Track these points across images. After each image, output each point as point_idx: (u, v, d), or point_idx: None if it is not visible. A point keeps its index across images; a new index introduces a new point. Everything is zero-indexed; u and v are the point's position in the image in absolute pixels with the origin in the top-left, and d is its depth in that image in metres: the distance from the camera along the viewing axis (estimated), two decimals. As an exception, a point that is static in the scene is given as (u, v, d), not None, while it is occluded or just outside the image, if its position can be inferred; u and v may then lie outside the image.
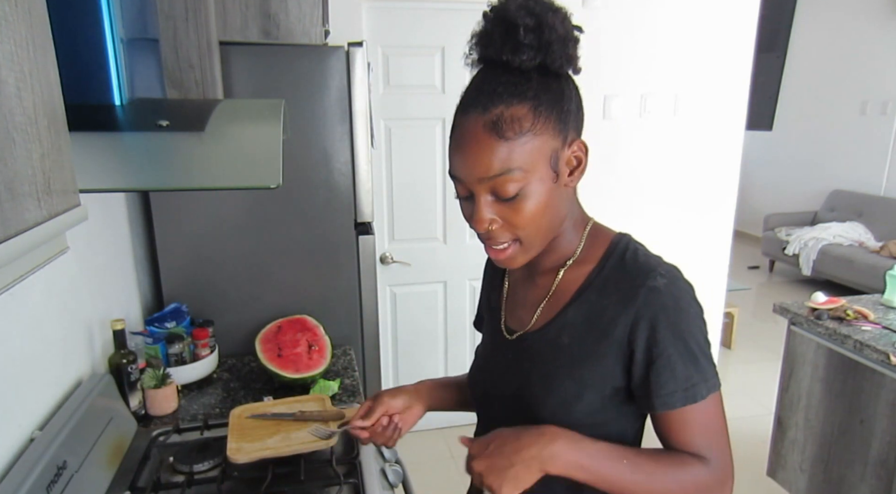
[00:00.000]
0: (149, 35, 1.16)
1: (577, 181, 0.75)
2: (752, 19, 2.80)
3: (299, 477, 1.12)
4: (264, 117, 0.98)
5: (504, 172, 0.69)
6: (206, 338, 1.60)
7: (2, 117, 0.47)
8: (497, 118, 0.68)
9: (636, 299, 0.72)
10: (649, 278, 0.73)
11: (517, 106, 0.68)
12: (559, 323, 0.79)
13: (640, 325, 0.72)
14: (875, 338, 1.84)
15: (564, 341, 0.78)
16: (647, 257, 0.77)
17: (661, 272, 0.73)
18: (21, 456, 0.95)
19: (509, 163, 0.69)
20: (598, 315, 0.76)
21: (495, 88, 0.69)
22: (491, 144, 0.68)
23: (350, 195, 1.79)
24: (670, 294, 0.72)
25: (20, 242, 0.49)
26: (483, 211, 0.72)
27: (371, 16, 2.40)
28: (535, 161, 0.70)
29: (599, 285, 0.77)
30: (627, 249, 0.78)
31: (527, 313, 0.84)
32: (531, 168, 0.70)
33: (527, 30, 0.66)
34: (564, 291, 0.80)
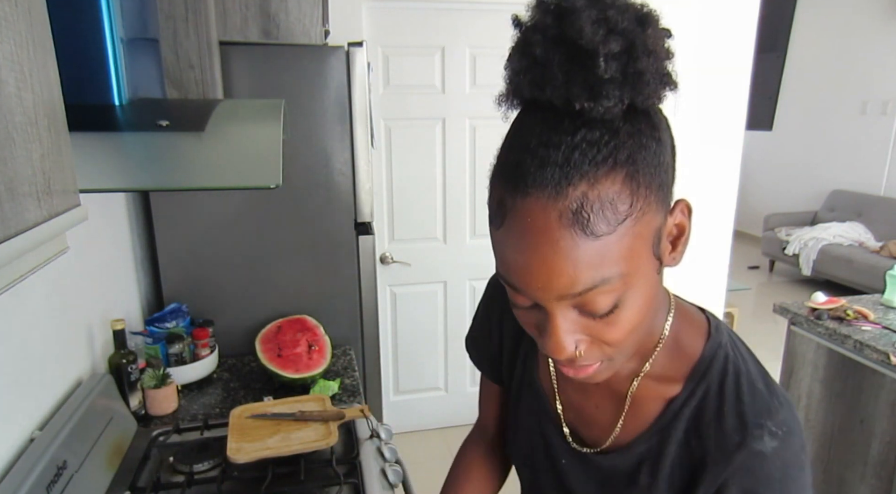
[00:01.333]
0: (149, 35, 1.16)
1: (680, 258, 0.54)
2: (752, 19, 2.80)
3: (299, 477, 1.12)
4: (264, 117, 0.98)
5: (598, 284, 0.47)
6: (206, 338, 1.60)
7: (2, 117, 0.47)
8: (580, 205, 0.45)
9: (731, 461, 0.55)
10: (754, 438, 0.54)
11: (607, 179, 0.45)
12: (637, 453, 0.62)
13: (724, 488, 0.56)
14: (875, 338, 1.84)
15: (643, 480, 0.61)
16: (752, 396, 0.57)
17: (772, 429, 0.55)
18: (21, 456, 0.95)
19: (604, 269, 0.46)
20: (683, 459, 0.59)
21: (570, 155, 0.45)
22: (576, 246, 0.45)
23: (350, 195, 1.79)
24: (779, 463, 0.54)
25: (20, 242, 0.49)
26: (565, 336, 0.50)
27: (371, 16, 2.40)
28: (638, 255, 0.48)
29: (686, 422, 0.59)
30: (726, 375, 0.58)
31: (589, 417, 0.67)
32: (634, 268, 0.48)
33: (609, 58, 0.44)
34: (642, 408, 0.62)
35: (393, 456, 1.23)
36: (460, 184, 2.65)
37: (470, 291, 2.79)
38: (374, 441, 1.28)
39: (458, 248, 2.72)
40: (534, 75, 0.46)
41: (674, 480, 0.60)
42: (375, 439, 1.28)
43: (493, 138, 2.15)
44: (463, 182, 2.65)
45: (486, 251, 3.07)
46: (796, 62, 6.07)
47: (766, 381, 0.58)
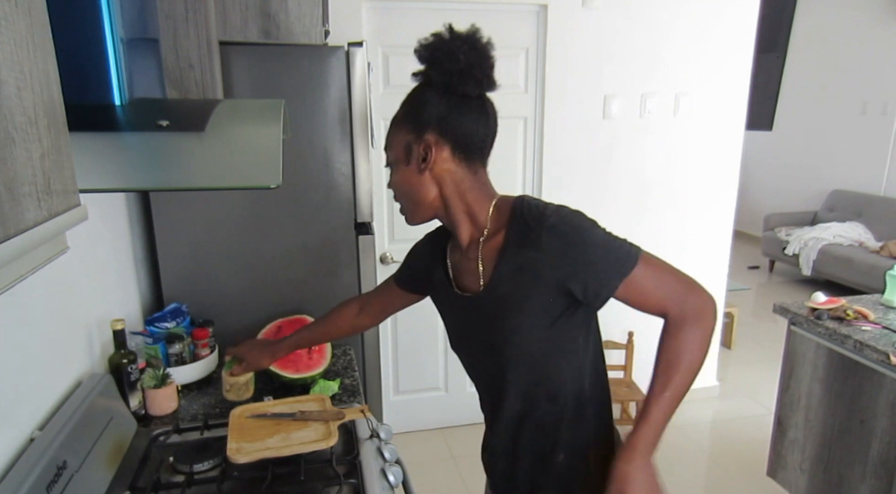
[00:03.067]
0: (149, 35, 1.16)
1: (430, 171, 0.97)
2: (752, 19, 2.80)
3: (299, 477, 1.12)
4: (264, 117, 0.98)
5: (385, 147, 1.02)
6: (206, 338, 1.60)
7: (2, 117, 0.47)
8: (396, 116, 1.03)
9: (542, 241, 0.91)
10: (544, 221, 0.91)
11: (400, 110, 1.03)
12: (495, 280, 0.97)
13: (557, 258, 0.90)
14: (875, 338, 1.84)
15: (503, 290, 0.97)
16: (537, 207, 0.95)
17: (549, 213, 0.92)
18: (21, 456, 0.95)
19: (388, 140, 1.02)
20: (523, 265, 0.94)
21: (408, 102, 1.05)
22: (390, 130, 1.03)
23: (350, 195, 1.79)
24: (563, 223, 0.91)
25: (20, 242, 0.49)
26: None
27: (371, 16, 2.40)
28: (397, 147, 1.00)
29: (514, 242, 0.95)
30: (523, 207, 0.96)
31: (471, 280, 1.03)
32: (395, 154, 1.00)
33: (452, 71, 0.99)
34: (491, 256, 0.98)
35: (393, 456, 1.23)
36: (460, 184, 2.64)
37: (470, 291, 2.79)
38: (374, 441, 1.28)
39: (458, 248, 2.72)
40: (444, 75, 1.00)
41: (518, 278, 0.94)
42: (375, 439, 1.28)
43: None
44: (463, 182, 2.64)
45: (486, 251, 2.98)
46: (796, 62, 6.07)
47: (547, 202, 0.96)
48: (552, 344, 0.97)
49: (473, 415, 0.98)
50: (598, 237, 0.91)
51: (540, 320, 0.95)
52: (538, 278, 0.93)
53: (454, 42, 0.97)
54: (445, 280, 1.09)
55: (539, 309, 0.95)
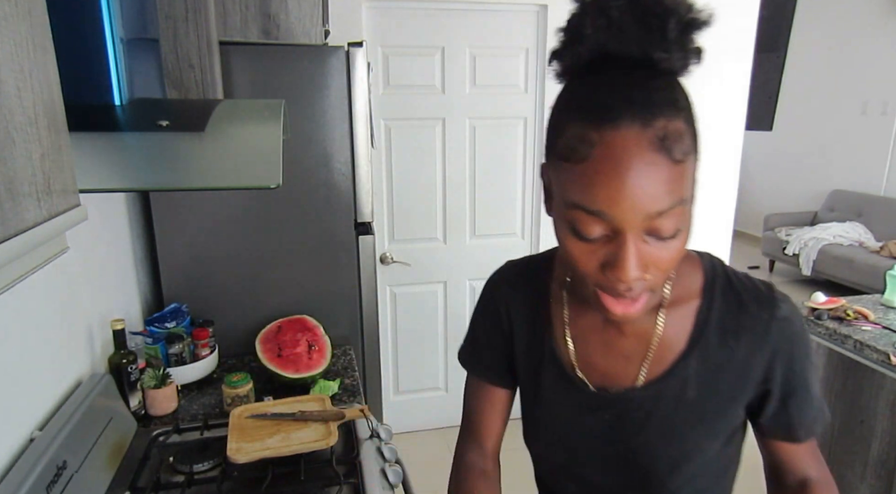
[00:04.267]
0: (149, 35, 1.16)
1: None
2: (752, 19, 2.80)
3: (299, 477, 1.12)
4: (264, 117, 0.98)
5: (675, 205, 0.54)
6: (206, 338, 1.60)
7: (2, 117, 0.47)
8: (664, 134, 0.53)
9: (769, 335, 0.67)
10: (775, 309, 0.67)
11: (676, 119, 0.55)
12: (680, 376, 0.69)
13: (778, 360, 0.67)
14: (875, 338, 1.84)
15: (691, 395, 0.69)
16: (753, 283, 0.70)
17: (779, 298, 0.68)
18: (21, 456, 0.95)
19: (679, 192, 0.55)
20: (727, 361, 0.68)
21: (649, 95, 0.54)
22: (662, 168, 0.53)
23: (350, 195, 1.79)
24: (797, 320, 0.68)
25: (20, 242, 0.49)
26: (636, 259, 0.56)
27: (371, 16, 2.40)
28: (693, 186, 0.59)
29: (717, 325, 0.68)
30: (728, 275, 0.70)
31: (619, 367, 0.72)
32: (691, 197, 0.58)
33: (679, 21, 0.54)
34: (671, 337, 0.69)
35: (393, 456, 1.23)
36: (460, 184, 2.65)
37: (470, 291, 2.79)
38: (374, 440, 1.28)
39: (458, 248, 2.72)
40: (612, 32, 0.55)
41: (718, 382, 0.68)
42: (375, 439, 1.28)
43: (493, 138, 2.16)
44: (463, 182, 2.65)
45: (485, 251, 3.07)
46: (796, 62, 6.07)
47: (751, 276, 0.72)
48: (721, 467, 0.74)
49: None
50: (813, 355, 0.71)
51: (724, 436, 0.71)
52: (741, 382, 0.68)
53: None
54: (555, 358, 0.76)
55: (727, 423, 0.71)
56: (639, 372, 0.70)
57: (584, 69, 0.58)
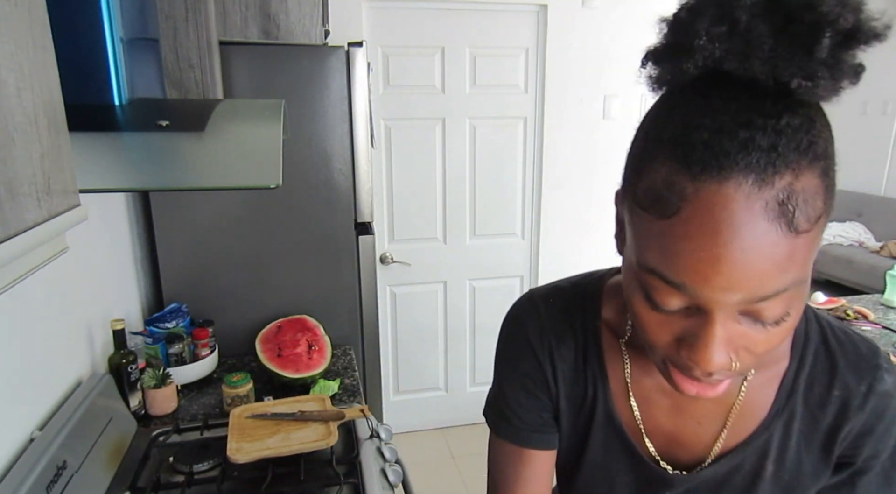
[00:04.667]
0: (149, 35, 1.16)
1: None
2: (752, 19, 2.80)
3: (299, 477, 1.12)
4: (264, 117, 0.98)
5: (787, 287, 0.42)
6: (206, 338, 1.60)
7: (2, 117, 0.47)
8: (787, 196, 0.39)
9: (864, 407, 0.56)
10: (876, 379, 0.56)
11: (809, 172, 0.40)
12: (759, 449, 0.59)
13: (868, 437, 0.57)
14: (875, 338, 1.84)
15: (769, 469, 0.59)
16: (854, 344, 0.58)
17: (884, 366, 0.57)
18: (21, 456, 0.95)
19: (794, 271, 0.41)
20: (812, 432, 0.58)
21: (777, 139, 0.39)
22: (777, 242, 0.39)
23: (350, 195, 1.79)
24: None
25: (20, 242, 0.49)
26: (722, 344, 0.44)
27: (371, 16, 2.40)
28: (813, 260, 0.43)
29: (805, 393, 0.58)
30: (824, 332, 0.59)
31: (691, 434, 0.61)
32: (808, 274, 0.43)
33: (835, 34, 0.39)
34: (753, 404, 0.59)
35: (393, 456, 1.23)
36: (460, 184, 2.65)
37: (470, 291, 2.79)
38: (374, 440, 1.28)
39: (458, 248, 2.72)
40: (735, 44, 0.39)
41: (801, 455, 0.59)
42: (375, 439, 1.28)
43: (494, 138, 2.17)
44: (463, 182, 2.65)
45: (486, 251, 3.07)
46: (796, 62, 6.07)
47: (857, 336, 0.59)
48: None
49: (473, 415, 0.94)
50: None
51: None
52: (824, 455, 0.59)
53: None
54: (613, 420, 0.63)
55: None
56: (713, 442, 0.60)
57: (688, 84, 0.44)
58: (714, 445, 0.60)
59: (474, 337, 2.86)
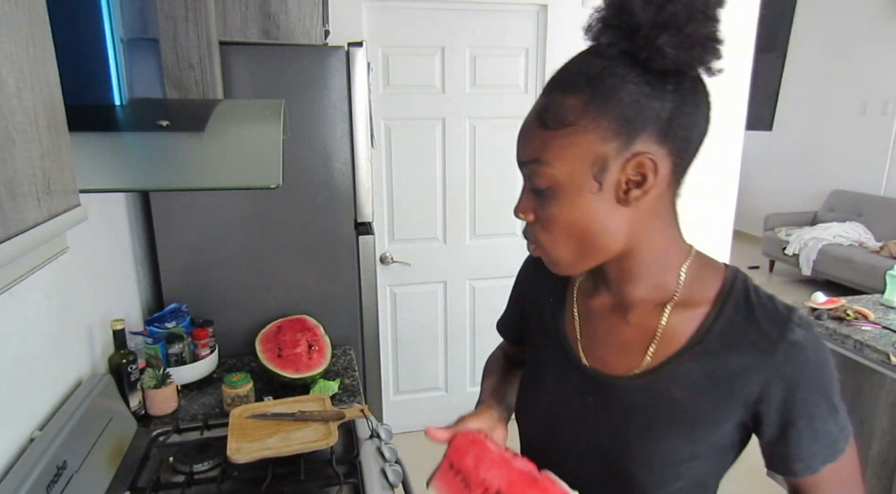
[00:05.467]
0: (149, 35, 1.16)
1: (637, 202, 0.63)
2: (752, 19, 2.80)
3: (299, 477, 1.12)
4: (264, 117, 0.98)
5: (534, 160, 0.64)
6: (206, 338, 1.60)
7: (2, 117, 0.47)
8: (547, 106, 0.63)
9: (774, 356, 0.63)
10: (788, 330, 0.63)
11: (572, 95, 0.61)
12: (669, 373, 0.68)
13: (777, 384, 0.63)
14: (875, 338, 1.84)
15: (676, 395, 0.67)
16: (774, 302, 0.67)
17: (797, 322, 0.64)
18: (21, 456, 0.95)
19: (542, 153, 0.63)
20: (722, 370, 0.65)
21: (566, 71, 0.64)
22: (533, 131, 0.65)
23: (350, 195, 1.79)
24: (812, 349, 0.63)
25: (20, 242, 0.49)
26: (521, 198, 0.68)
27: (371, 16, 2.40)
28: (572, 162, 0.61)
29: (721, 333, 0.66)
30: (748, 290, 0.68)
31: (615, 354, 0.72)
32: (564, 168, 0.62)
33: (612, 7, 0.59)
34: (672, 335, 0.68)
35: (393, 456, 1.23)
36: (460, 184, 2.65)
37: (470, 291, 2.79)
38: (374, 440, 1.28)
39: (458, 248, 2.72)
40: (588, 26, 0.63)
41: (707, 389, 0.66)
42: (375, 439, 1.28)
43: (493, 138, 2.17)
44: (463, 182, 2.65)
45: (486, 251, 3.07)
46: (796, 62, 6.07)
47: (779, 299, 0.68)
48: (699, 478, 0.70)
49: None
50: (835, 387, 0.65)
51: (706, 453, 0.68)
52: (731, 397, 0.65)
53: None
54: (561, 333, 0.78)
55: (712, 436, 0.67)
56: (634, 363, 0.70)
57: None
58: (639, 365, 0.70)
59: (474, 337, 2.86)
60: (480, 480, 0.65)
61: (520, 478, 0.64)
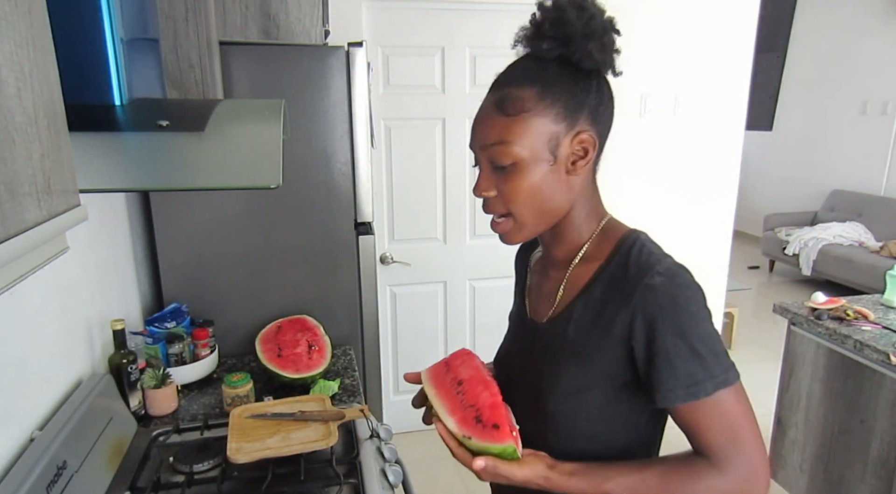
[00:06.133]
0: (149, 35, 1.16)
1: (581, 172, 0.79)
2: (752, 19, 2.80)
3: (299, 477, 1.12)
4: (264, 117, 0.98)
5: (498, 142, 0.76)
6: (206, 338, 1.60)
7: (2, 117, 0.47)
8: (504, 96, 0.76)
9: (632, 298, 0.74)
10: (647, 277, 0.74)
11: (525, 88, 0.75)
12: (566, 316, 0.82)
13: (637, 322, 0.74)
14: (875, 338, 1.84)
15: (570, 334, 0.81)
16: (649, 256, 0.77)
17: (659, 271, 0.74)
18: (21, 456, 0.95)
19: (504, 135, 0.75)
20: (601, 312, 0.78)
21: (513, 71, 0.78)
22: (492, 117, 0.77)
23: (350, 195, 1.79)
24: (666, 293, 0.73)
25: (20, 242, 0.49)
26: (481, 178, 0.79)
27: (371, 16, 2.40)
28: (532, 140, 0.75)
29: (604, 281, 0.79)
30: (634, 246, 0.79)
31: (542, 303, 0.88)
32: (526, 145, 0.75)
33: (549, 22, 0.74)
34: (574, 285, 0.83)
35: (393, 456, 1.23)
36: (460, 184, 2.65)
37: (470, 291, 2.79)
38: (374, 440, 1.28)
39: (458, 248, 2.72)
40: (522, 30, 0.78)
41: (591, 329, 0.79)
42: (375, 439, 1.28)
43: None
44: (463, 182, 2.65)
45: (486, 251, 3.07)
46: (796, 62, 6.07)
47: (663, 254, 0.79)
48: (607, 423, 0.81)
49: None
50: (698, 333, 0.72)
51: (600, 385, 0.79)
52: (606, 335, 0.77)
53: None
54: (520, 296, 0.96)
55: (601, 375, 0.78)
56: (549, 310, 0.86)
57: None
58: (549, 312, 0.86)
59: (474, 337, 2.86)
60: (455, 372, 0.87)
61: (477, 376, 0.84)
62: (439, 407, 0.83)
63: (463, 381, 0.84)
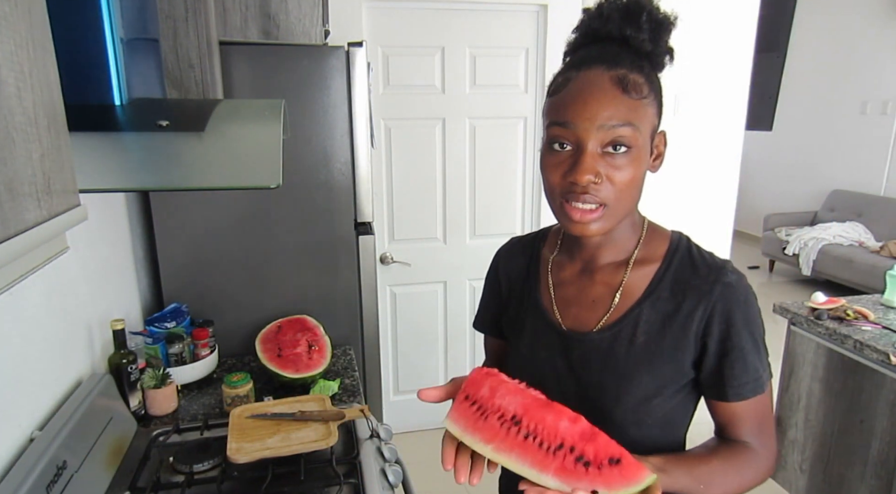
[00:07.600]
0: (149, 35, 1.16)
1: (657, 168, 0.79)
2: (752, 19, 2.80)
3: (299, 477, 1.12)
4: (264, 117, 0.98)
5: (625, 123, 0.70)
6: (206, 338, 1.60)
7: (2, 117, 0.47)
8: (623, 76, 0.71)
9: (712, 295, 0.76)
10: (722, 275, 0.77)
11: (637, 74, 0.72)
12: (632, 321, 0.79)
13: (715, 319, 0.76)
14: (875, 338, 1.84)
15: (640, 339, 0.79)
16: (712, 256, 0.81)
17: (731, 269, 0.78)
18: (21, 456, 0.95)
19: (631, 117, 0.71)
20: (674, 312, 0.78)
21: (618, 53, 0.73)
22: (617, 96, 0.70)
23: (350, 195, 1.79)
24: (742, 289, 0.76)
25: (20, 242, 0.49)
26: (587, 159, 0.71)
27: (371, 16, 2.40)
28: (646, 128, 0.73)
29: (669, 281, 0.79)
30: (690, 246, 0.82)
31: (587, 311, 0.83)
32: (643, 132, 0.72)
33: (650, 16, 0.72)
34: (632, 288, 0.81)
35: (393, 456, 1.23)
36: (460, 184, 2.65)
37: (470, 291, 2.79)
38: (374, 440, 1.28)
39: (458, 248, 2.72)
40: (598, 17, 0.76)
41: (664, 330, 0.78)
42: (375, 439, 1.28)
43: (493, 138, 2.17)
44: (463, 182, 2.65)
45: (486, 251, 3.07)
46: (796, 62, 6.07)
47: (715, 254, 0.82)
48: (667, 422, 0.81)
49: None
50: (761, 330, 0.77)
51: (668, 388, 0.79)
52: (683, 335, 0.77)
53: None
54: (538, 305, 0.88)
55: (673, 372, 0.78)
56: (602, 317, 0.82)
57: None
58: (602, 319, 0.82)
59: (474, 337, 2.86)
60: (497, 407, 0.66)
61: (534, 403, 0.66)
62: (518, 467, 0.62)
63: (519, 416, 0.65)
